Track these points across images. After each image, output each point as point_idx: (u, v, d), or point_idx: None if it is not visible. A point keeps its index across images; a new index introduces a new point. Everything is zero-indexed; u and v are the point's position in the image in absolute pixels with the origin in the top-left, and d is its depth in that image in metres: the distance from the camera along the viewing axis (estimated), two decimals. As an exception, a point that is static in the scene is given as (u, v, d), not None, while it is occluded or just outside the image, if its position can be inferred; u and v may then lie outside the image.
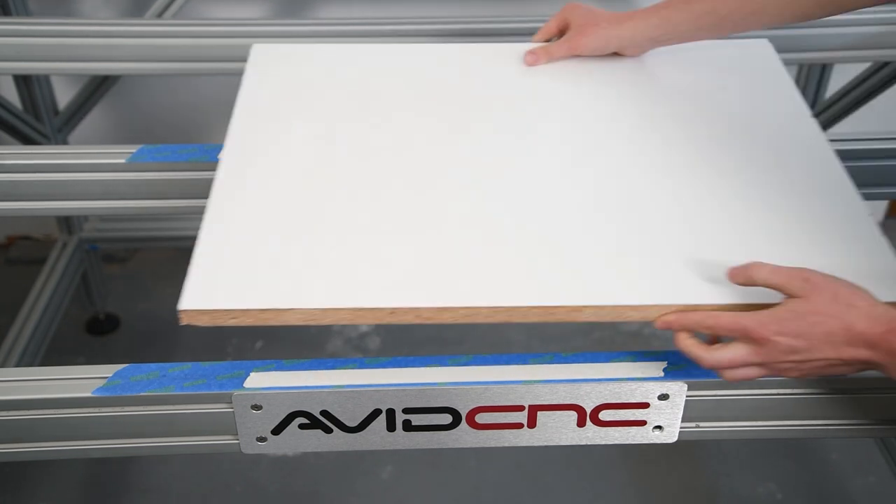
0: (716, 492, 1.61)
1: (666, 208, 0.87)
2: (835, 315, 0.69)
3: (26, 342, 1.58)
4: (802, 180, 0.91)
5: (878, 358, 0.70)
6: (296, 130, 0.97)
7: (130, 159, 1.06)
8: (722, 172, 0.92)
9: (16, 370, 0.81)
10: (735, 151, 0.95)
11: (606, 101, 1.03)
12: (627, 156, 0.94)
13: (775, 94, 1.06)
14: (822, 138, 0.97)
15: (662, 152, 0.95)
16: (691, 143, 0.96)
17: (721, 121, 1.00)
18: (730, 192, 0.89)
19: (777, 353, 0.71)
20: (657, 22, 1.03)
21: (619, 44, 1.07)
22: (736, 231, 0.84)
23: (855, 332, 0.69)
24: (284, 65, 1.09)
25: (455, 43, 1.15)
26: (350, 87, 1.05)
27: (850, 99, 1.60)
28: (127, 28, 1.39)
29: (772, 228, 0.84)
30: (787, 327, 0.70)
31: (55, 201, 1.08)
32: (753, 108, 1.03)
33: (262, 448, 0.82)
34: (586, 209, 0.87)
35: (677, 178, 0.91)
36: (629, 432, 0.82)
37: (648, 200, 0.88)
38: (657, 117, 1.01)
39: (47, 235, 2.15)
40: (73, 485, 1.61)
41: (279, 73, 1.08)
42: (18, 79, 1.62)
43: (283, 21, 1.44)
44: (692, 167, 0.93)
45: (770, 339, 0.71)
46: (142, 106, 1.95)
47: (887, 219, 2.23)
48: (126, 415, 0.80)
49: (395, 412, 0.80)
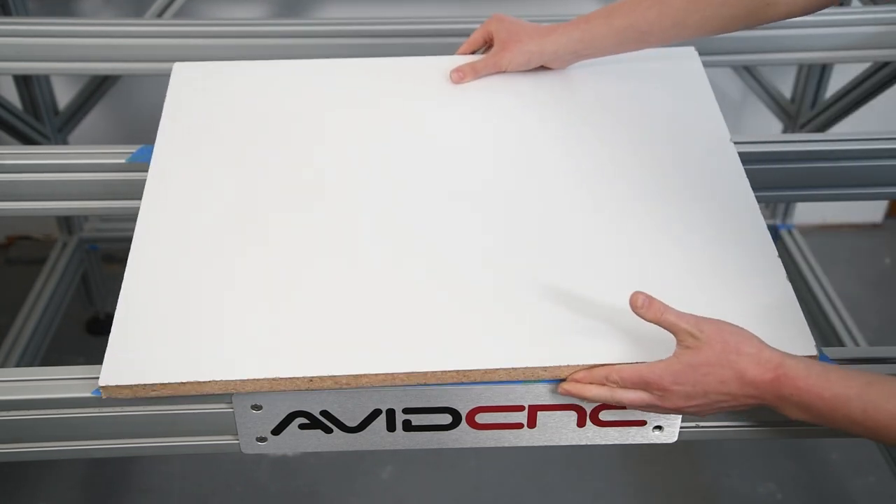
0: (716, 492, 1.61)
1: (579, 265, 0.86)
2: (725, 365, 0.73)
3: (26, 342, 1.58)
4: (713, 214, 0.91)
5: (769, 401, 0.73)
6: (210, 167, 0.96)
7: (130, 159, 1.06)
8: (633, 210, 0.92)
9: (16, 370, 0.81)
10: (648, 182, 0.95)
11: (523, 123, 1.04)
12: (538, 197, 0.94)
13: (696, 113, 1.05)
14: (734, 159, 0.98)
15: (575, 184, 0.95)
16: (604, 173, 0.97)
17: (638, 142, 1.01)
18: (639, 232, 0.90)
19: (677, 400, 0.75)
20: (579, 36, 1.04)
21: (542, 59, 1.08)
22: (643, 277, 0.85)
23: (746, 379, 0.72)
24: (203, 87, 1.08)
25: (386, 57, 1.15)
26: (268, 109, 1.05)
27: (850, 99, 1.60)
28: (127, 28, 1.39)
29: (679, 268, 0.86)
30: (683, 378, 0.74)
31: (55, 201, 1.08)
32: (670, 132, 1.02)
33: (262, 448, 0.82)
34: (497, 269, 0.86)
35: (588, 220, 0.91)
36: (629, 432, 0.82)
37: (561, 253, 0.88)
38: (574, 139, 1.01)
39: (47, 235, 2.15)
40: (73, 485, 1.61)
41: (197, 97, 1.07)
42: (18, 79, 1.62)
43: (283, 21, 1.44)
44: (603, 202, 0.93)
45: (669, 389, 0.74)
46: (142, 106, 1.95)
47: (887, 219, 2.23)
48: (126, 415, 0.80)
49: (395, 412, 0.80)
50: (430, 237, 0.90)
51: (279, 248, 0.88)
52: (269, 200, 0.93)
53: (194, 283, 0.85)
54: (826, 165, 1.09)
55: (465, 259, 0.87)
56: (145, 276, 0.85)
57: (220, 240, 0.89)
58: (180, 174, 0.96)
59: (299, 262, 0.87)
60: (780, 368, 0.71)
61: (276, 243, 0.89)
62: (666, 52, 1.12)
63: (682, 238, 0.89)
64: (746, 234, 0.89)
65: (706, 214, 0.91)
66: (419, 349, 0.78)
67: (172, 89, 1.08)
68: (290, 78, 1.10)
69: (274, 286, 0.84)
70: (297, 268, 0.86)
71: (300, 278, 0.85)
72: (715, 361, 0.73)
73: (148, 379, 0.76)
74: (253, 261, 0.87)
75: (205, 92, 1.08)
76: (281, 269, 0.86)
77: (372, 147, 1.00)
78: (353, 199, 0.93)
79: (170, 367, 0.77)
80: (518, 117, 1.04)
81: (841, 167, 1.09)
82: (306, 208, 0.92)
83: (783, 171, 1.09)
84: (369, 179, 0.96)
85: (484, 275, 0.86)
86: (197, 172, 0.96)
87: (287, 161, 0.98)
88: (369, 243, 0.89)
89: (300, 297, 0.83)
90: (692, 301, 0.78)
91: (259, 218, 0.91)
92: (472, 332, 0.80)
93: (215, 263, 0.86)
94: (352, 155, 0.99)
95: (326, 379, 0.77)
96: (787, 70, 1.83)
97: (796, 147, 1.07)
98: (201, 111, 1.05)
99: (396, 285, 0.85)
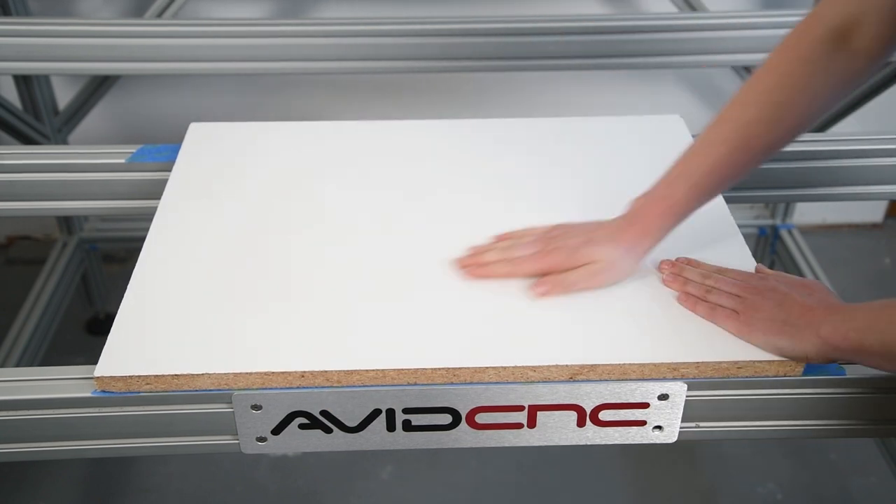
0: (716, 492, 1.61)
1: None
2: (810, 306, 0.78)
3: (26, 342, 1.58)
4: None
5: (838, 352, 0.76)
6: (221, 208, 0.99)
7: (130, 159, 1.06)
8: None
9: (16, 370, 0.81)
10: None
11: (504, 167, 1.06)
12: (529, 209, 0.98)
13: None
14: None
15: (564, 202, 0.99)
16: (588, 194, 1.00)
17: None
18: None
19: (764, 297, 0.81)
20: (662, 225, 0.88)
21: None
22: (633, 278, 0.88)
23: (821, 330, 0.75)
24: (218, 143, 1.10)
25: (394, 121, 1.16)
26: (278, 166, 1.06)
27: (850, 99, 1.60)
28: (127, 28, 1.40)
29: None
30: (784, 281, 0.82)
31: (55, 201, 1.08)
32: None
33: (262, 448, 0.82)
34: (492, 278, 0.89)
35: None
36: (629, 432, 0.82)
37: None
38: (545, 177, 1.04)
39: (47, 235, 2.15)
40: (73, 485, 1.61)
41: (212, 151, 1.09)
42: (18, 79, 1.62)
43: (283, 21, 1.44)
44: (593, 211, 0.94)
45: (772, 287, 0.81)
46: (142, 106, 1.95)
47: (887, 219, 2.23)
48: (126, 415, 0.80)
49: (395, 412, 0.80)
50: (425, 239, 0.94)
51: (278, 252, 0.92)
52: (273, 227, 0.96)
53: (195, 284, 0.88)
54: (826, 165, 1.09)
55: (459, 276, 0.90)
56: (150, 279, 0.88)
57: (223, 248, 0.92)
58: (192, 205, 0.99)
59: (297, 263, 0.90)
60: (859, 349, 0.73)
61: (274, 247, 0.93)
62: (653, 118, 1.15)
63: (664, 248, 0.90)
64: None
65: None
66: (410, 347, 0.80)
67: (186, 144, 1.10)
68: (302, 138, 1.12)
69: (271, 287, 0.87)
70: (294, 269, 0.90)
71: (297, 279, 0.88)
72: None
73: (142, 371, 0.77)
74: (252, 264, 0.90)
75: (221, 144, 1.11)
76: (279, 270, 0.89)
77: (380, 193, 1.02)
78: (352, 215, 0.98)
79: (164, 361, 0.78)
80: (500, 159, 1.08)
81: (841, 167, 1.09)
82: (306, 227, 0.96)
83: (783, 171, 1.09)
84: (367, 208, 0.99)
85: (477, 287, 0.88)
86: (207, 205, 0.99)
87: (291, 200, 1.01)
88: (365, 244, 0.93)
89: (296, 297, 0.86)
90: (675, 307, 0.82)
91: (261, 229, 0.95)
92: (462, 332, 0.82)
93: (218, 269, 0.90)
94: (360, 198, 1.01)
95: (318, 374, 0.78)
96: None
97: (796, 147, 1.07)
98: (215, 161, 1.07)
99: (390, 286, 0.87)
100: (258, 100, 1.96)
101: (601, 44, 1.45)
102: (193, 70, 1.44)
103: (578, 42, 1.45)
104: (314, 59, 1.44)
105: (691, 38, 1.48)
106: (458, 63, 1.46)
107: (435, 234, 0.95)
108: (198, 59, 1.42)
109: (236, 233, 0.95)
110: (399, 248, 0.92)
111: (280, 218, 0.97)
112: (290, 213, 0.98)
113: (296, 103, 1.96)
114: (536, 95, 1.98)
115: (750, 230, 1.87)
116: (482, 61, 1.46)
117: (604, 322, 0.83)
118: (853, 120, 1.66)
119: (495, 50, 1.44)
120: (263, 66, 1.44)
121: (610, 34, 1.45)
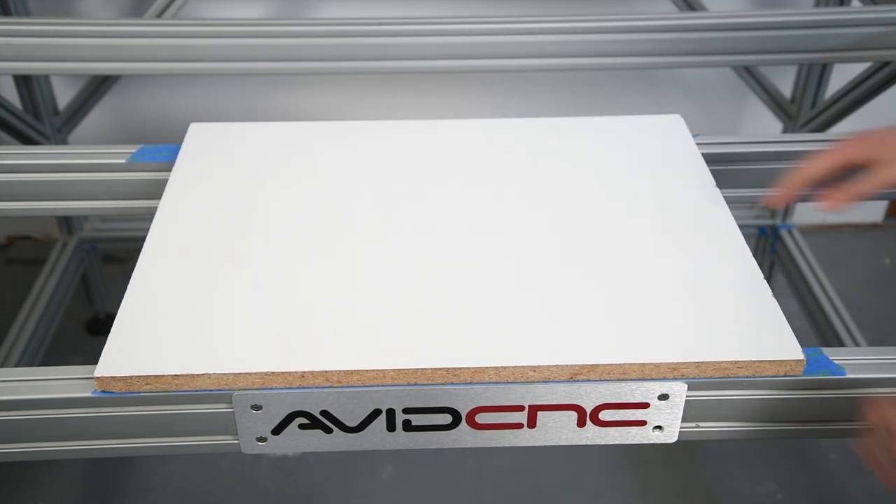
0: (716, 492, 1.61)
1: (573, 266, 0.89)
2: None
3: (26, 342, 1.58)
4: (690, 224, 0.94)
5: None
6: (221, 208, 0.98)
7: (130, 159, 1.06)
8: (624, 225, 0.95)
9: (16, 370, 0.81)
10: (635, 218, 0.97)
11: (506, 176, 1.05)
12: (530, 210, 0.97)
13: (685, 182, 1.04)
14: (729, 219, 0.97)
15: (569, 206, 0.98)
16: (592, 199, 0.99)
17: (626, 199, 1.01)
18: (629, 242, 0.92)
19: None
20: None
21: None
22: (632, 279, 0.87)
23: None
24: (218, 143, 1.10)
25: (390, 120, 1.15)
26: (279, 166, 1.06)
27: (850, 99, 1.60)
28: (127, 28, 1.39)
29: (660, 272, 0.88)
30: None
31: (55, 201, 1.08)
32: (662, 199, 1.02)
33: (262, 448, 0.82)
34: (489, 271, 0.89)
35: (580, 229, 0.94)
36: (629, 432, 0.82)
37: (554, 255, 0.91)
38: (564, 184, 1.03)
39: (47, 235, 2.15)
40: (73, 485, 1.61)
41: (212, 151, 1.09)
42: (18, 79, 1.62)
43: (283, 21, 1.44)
44: (592, 215, 0.96)
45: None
46: (142, 106, 1.95)
47: (887, 219, 2.23)
48: (126, 415, 0.80)
49: (395, 412, 0.80)
50: (425, 239, 0.93)
51: (278, 251, 0.92)
52: (274, 226, 0.96)
53: (195, 284, 0.88)
54: (826, 165, 1.09)
55: (458, 261, 0.90)
56: (150, 279, 0.88)
57: (224, 248, 0.92)
58: (190, 207, 0.99)
59: (297, 263, 0.90)
60: None
61: (275, 246, 0.92)
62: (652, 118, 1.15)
63: (664, 248, 0.91)
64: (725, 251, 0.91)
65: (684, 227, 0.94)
66: (411, 348, 0.80)
67: (186, 144, 1.10)
68: (302, 138, 1.12)
69: (271, 287, 0.87)
70: (294, 269, 0.89)
71: (297, 279, 0.88)
72: None
73: (142, 371, 0.77)
74: (252, 264, 0.90)
75: (221, 143, 1.10)
76: (279, 270, 0.89)
77: (380, 193, 1.02)
78: (352, 215, 0.97)
79: (164, 361, 0.78)
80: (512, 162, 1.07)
81: (841, 167, 1.09)
82: (307, 227, 0.96)
83: (783, 171, 1.09)
84: (368, 208, 0.99)
85: (476, 277, 0.88)
86: (207, 204, 0.99)
87: (292, 200, 1.00)
88: (365, 245, 0.92)
89: (296, 297, 0.86)
90: (675, 307, 0.81)
91: (261, 229, 0.95)
92: (462, 332, 0.81)
93: (218, 269, 0.89)
94: (359, 198, 1.01)
95: (318, 375, 0.78)
96: (787, 70, 1.83)
97: (796, 147, 1.07)
98: (214, 160, 1.07)
99: (391, 286, 0.87)
100: (258, 100, 1.96)
101: (601, 44, 1.45)
102: (193, 70, 1.44)
103: (578, 42, 1.45)
104: (314, 59, 1.44)
105: (691, 38, 1.48)
106: (458, 63, 1.46)
107: (435, 234, 0.95)
108: (198, 59, 1.42)
109: (237, 233, 0.95)
110: (399, 249, 0.92)
111: (281, 218, 0.97)
112: (291, 213, 0.98)
113: (296, 103, 1.97)
114: (536, 95, 1.98)
115: (750, 230, 1.87)
116: (482, 61, 1.46)
117: (604, 322, 0.83)
118: (853, 120, 1.66)
119: (495, 50, 1.45)
120: (263, 66, 1.44)
121: (610, 34, 1.45)
